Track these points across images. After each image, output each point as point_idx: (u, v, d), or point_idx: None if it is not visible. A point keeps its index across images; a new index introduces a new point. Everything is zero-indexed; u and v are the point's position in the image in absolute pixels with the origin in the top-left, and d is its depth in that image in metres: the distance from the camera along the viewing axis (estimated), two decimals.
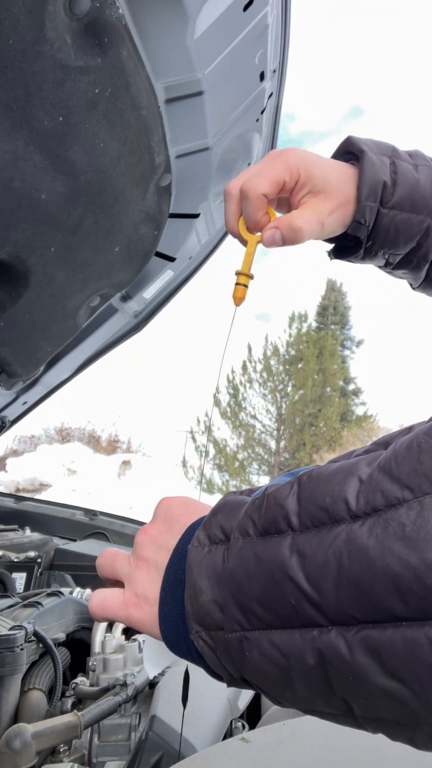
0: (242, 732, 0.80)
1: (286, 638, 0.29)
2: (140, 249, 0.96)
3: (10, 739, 0.67)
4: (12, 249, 0.74)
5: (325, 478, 0.30)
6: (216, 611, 0.32)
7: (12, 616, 0.94)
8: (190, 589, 0.34)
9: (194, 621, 0.34)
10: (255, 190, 0.57)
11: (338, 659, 0.26)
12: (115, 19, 0.59)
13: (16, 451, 14.20)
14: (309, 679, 0.28)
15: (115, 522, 1.92)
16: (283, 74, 0.97)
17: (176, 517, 0.40)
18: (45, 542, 1.60)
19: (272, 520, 0.31)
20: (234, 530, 0.33)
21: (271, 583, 0.29)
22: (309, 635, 0.28)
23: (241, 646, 0.31)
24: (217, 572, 0.33)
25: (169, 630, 0.36)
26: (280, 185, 0.57)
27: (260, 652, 0.30)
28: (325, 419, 18.56)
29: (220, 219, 1.17)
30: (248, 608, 0.30)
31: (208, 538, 0.35)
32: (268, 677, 0.30)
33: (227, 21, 0.70)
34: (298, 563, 0.28)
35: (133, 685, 0.86)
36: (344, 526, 0.27)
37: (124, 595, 0.40)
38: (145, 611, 0.38)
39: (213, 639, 0.33)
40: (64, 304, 0.94)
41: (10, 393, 1.36)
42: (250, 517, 0.32)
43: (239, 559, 0.31)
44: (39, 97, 0.59)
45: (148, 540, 0.40)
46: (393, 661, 0.25)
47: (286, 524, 0.30)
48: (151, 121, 0.74)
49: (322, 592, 0.27)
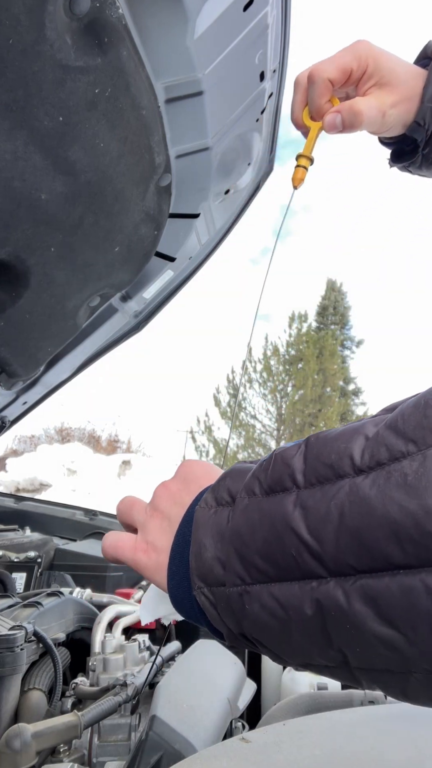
0: (242, 732, 0.80)
1: (285, 590, 0.30)
2: (140, 249, 0.96)
3: (10, 739, 0.67)
4: (12, 249, 0.74)
5: (332, 438, 0.30)
6: (218, 567, 0.33)
7: (12, 616, 0.94)
8: (195, 546, 0.35)
9: (197, 577, 0.35)
10: (321, 74, 0.59)
11: (336, 608, 0.27)
12: (115, 19, 0.59)
13: (16, 451, 14.20)
14: (307, 629, 0.29)
15: (115, 522, 1.92)
16: (283, 74, 0.97)
17: (195, 478, 0.42)
18: (45, 542, 1.60)
19: (278, 478, 0.31)
20: (240, 491, 0.34)
21: (273, 536, 0.30)
22: (308, 586, 0.28)
23: (242, 599, 0.32)
24: (221, 530, 0.34)
25: (176, 587, 0.38)
26: (347, 73, 0.59)
27: (260, 605, 0.31)
28: (325, 419, 18.55)
29: (220, 219, 1.17)
30: (250, 562, 0.31)
31: (215, 500, 0.36)
32: (267, 630, 0.31)
33: (227, 21, 0.70)
34: (300, 515, 0.29)
35: (133, 685, 0.86)
36: (348, 480, 0.28)
37: (135, 540, 0.42)
38: (151, 558, 0.40)
39: (214, 594, 0.34)
40: (64, 304, 0.94)
41: (10, 393, 1.36)
42: (257, 478, 0.33)
43: (243, 516, 0.32)
44: (39, 97, 0.59)
45: (166, 494, 0.42)
46: (389, 608, 0.25)
47: (292, 482, 0.30)
48: (151, 121, 0.74)
49: (323, 543, 0.28)
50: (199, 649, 1.04)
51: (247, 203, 1.27)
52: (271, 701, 1.30)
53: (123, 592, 1.37)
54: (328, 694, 0.95)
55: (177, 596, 0.38)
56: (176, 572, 0.38)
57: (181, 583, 0.37)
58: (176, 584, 0.38)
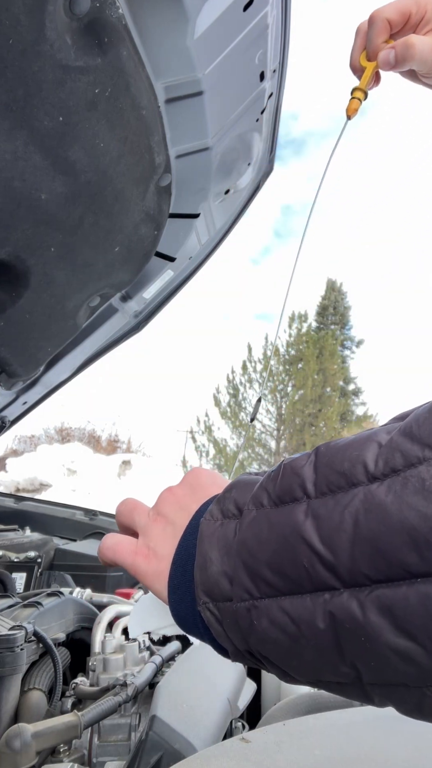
0: (242, 732, 0.79)
1: (296, 604, 0.29)
2: (140, 249, 0.96)
3: (10, 739, 0.67)
4: (12, 249, 0.74)
5: (343, 446, 0.30)
6: (225, 582, 0.32)
7: (12, 616, 0.94)
8: (200, 559, 0.34)
9: (202, 591, 0.34)
10: (381, 14, 0.63)
11: (350, 620, 0.26)
12: (115, 19, 0.59)
13: (16, 451, 14.20)
14: (319, 644, 0.28)
15: (115, 522, 1.92)
16: (283, 74, 0.97)
17: (202, 486, 0.41)
18: (45, 542, 1.59)
19: (287, 488, 0.30)
20: (247, 503, 0.33)
21: (283, 547, 0.29)
22: (320, 599, 0.27)
23: (249, 614, 0.31)
24: (227, 543, 0.33)
25: (178, 602, 0.37)
26: (405, 15, 0.63)
27: (269, 620, 0.30)
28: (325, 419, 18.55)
29: (220, 219, 1.17)
30: (258, 575, 0.30)
31: (221, 512, 0.35)
32: (276, 646, 0.30)
33: (227, 21, 0.70)
34: (312, 525, 0.28)
35: (133, 685, 0.86)
36: (361, 488, 0.27)
37: (136, 544, 0.41)
38: (151, 564, 0.39)
39: (220, 610, 0.33)
40: (64, 304, 0.94)
41: (10, 393, 1.36)
42: (265, 489, 0.32)
43: (251, 528, 0.31)
44: (39, 97, 0.59)
45: (171, 499, 0.41)
46: (406, 618, 0.24)
47: (302, 492, 0.30)
48: (151, 121, 0.74)
49: (337, 552, 0.27)
50: (199, 649, 1.04)
51: (247, 203, 1.27)
52: (271, 701, 1.30)
53: (123, 592, 1.37)
54: (328, 694, 0.95)
55: (179, 610, 0.37)
56: (178, 585, 0.36)
57: (183, 596, 0.36)
58: (178, 598, 0.36)
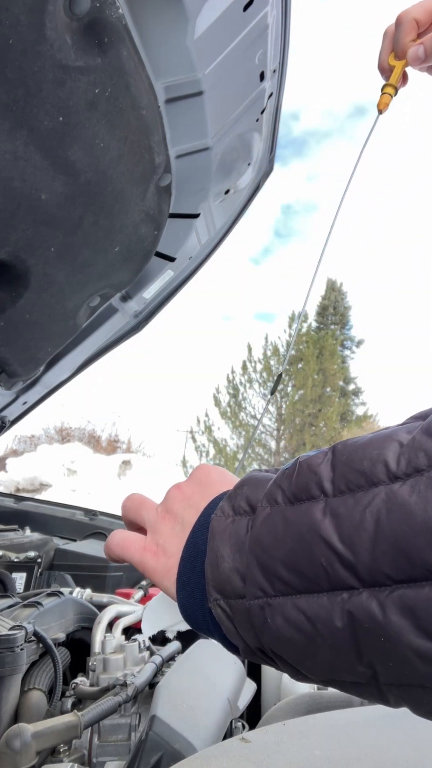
0: (242, 732, 0.79)
1: (312, 602, 0.28)
2: (140, 249, 0.96)
3: (10, 739, 0.67)
4: (12, 249, 0.74)
5: (361, 445, 0.29)
6: (237, 579, 0.32)
7: (12, 616, 0.94)
8: (211, 556, 0.34)
9: (213, 588, 0.34)
10: (408, 14, 0.67)
11: (370, 620, 0.26)
12: (115, 19, 0.59)
13: (16, 451, 14.20)
14: (335, 643, 0.28)
15: (115, 522, 1.92)
16: (283, 74, 0.97)
17: (211, 483, 0.41)
18: (45, 542, 1.59)
19: (304, 486, 0.30)
20: (261, 500, 0.32)
21: (300, 545, 0.29)
22: (338, 598, 0.27)
23: (263, 612, 0.30)
24: (239, 540, 0.32)
25: (186, 597, 0.36)
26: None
27: (284, 618, 0.29)
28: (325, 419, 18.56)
29: (220, 219, 1.17)
30: (273, 572, 0.30)
31: (232, 508, 0.35)
32: (290, 644, 0.30)
33: (227, 21, 0.70)
34: (331, 524, 0.28)
35: (133, 685, 0.85)
36: (383, 487, 0.27)
37: (144, 540, 0.41)
38: (160, 561, 0.39)
39: (232, 607, 0.33)
40: (64, 304, 0.93)
41: (10, 393, 1.36)
42: (279, 486, 0.32)
43: (266, 526, 0.31)
44: (39, 97, 0.59)
45: (180, 496, 0.41)
46: (429, 619, 0.24)
47: (319, 490, 0.29)
48: (151, 121, 0.74)
49: (357, 552, 0.26)
50: (199, 649, 1.04)
51: (247, 203, 1.27)
52: (271, 701, 1.30)
53: (123, 592, 1.37)
54: (328, 694, 0.95)
55: (187, 607, 0.36)
56: (187, 582, 0.36)
57: (192, 593, 0.36)
58: (187, 594, 0.36)
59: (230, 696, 0.92)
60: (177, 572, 0.37)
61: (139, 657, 0.99)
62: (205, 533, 0.36)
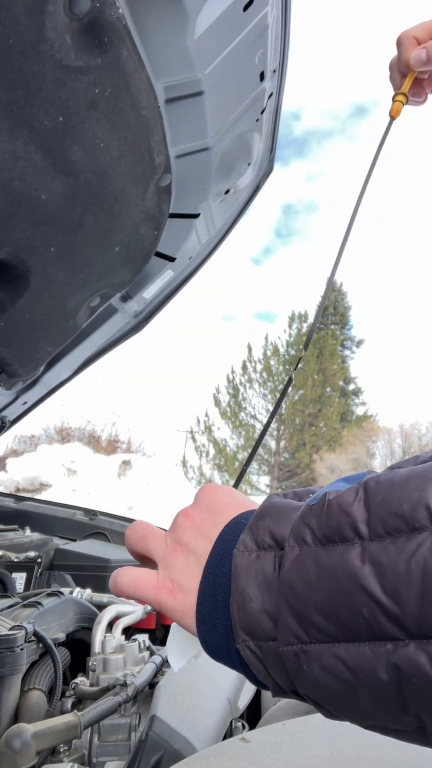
0: (242, 732, 0.79)
1: (353, 652, 0.27)
2: (140, 249, 0.96)
3: (10, 739, 0.67)
4: (12, 249, 0.74)
5: (398, 485, 0.28)
6: (267, 621, 0.31)
7: (12, 616, 0.94)
8: (237, 596, 0.32)
9: (241, 630, 0.32)
10: (408, 33, 0.72)
11: (419, 674, 0.25)
12: (115, 19, 0.59)
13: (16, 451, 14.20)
14: (379, 694, 0.26)
15: (115, 522, 1.92)
16: (283, 74, 0.97)
17: (221, 508, 0.39)
18: (45, 542, 1.60)
19: (336, 527, 0.28)
20: (288, 537, 0.31)
21: (338, 594, 0.27)
22: (382, 649, 0.26)
23: (298, 659, 0.29)
24: (267, 580, 0.31)
25: (208, 634, 0.35)
26: (430, 31, 0.71)
27: (321, 667, 0.28)
28: (325, 419, 18.57)
29: (220, 219, 1.17)
30: (308, 620, 0.28)
31: (255, 543, 0.33)
32: (329, 692, 0.28)
33: (227, 21, 0.70)
34: (372, 573, 0.26)
35: (133, 685, 0.86)
36: (427, 534, 0.25)
37: (157, 577, 0.39)
38: (178, 599, 0.37)
39: (262, 649, 0.31)
40: (64, 304, 0.93)
41: (10, 393, 1.36)
42: (307, 524, 0.30)
43: (296, 568, 0.29)
44: (39, 97, 0.59)
45: (189, 525, 0.39)
46: None
47: (353, 532, 0.28)
48: (151, 121, 0.74)
49: (402, 604, 0.25)
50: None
51: (247, 203, 1.27)
52: (271, 701, 1.30)
53: None
54: None
55: (209, 641, 0.35)
56: (208, 617, 0.35)
57: (214, 628, 0.34)
58: (208, 629, 0.35)
59: (230, 696, 0.92)
60: (195, 606, 0.36)
61: (139, 657, 0.99)
62: (223, 565, 0.34)
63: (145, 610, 1.21)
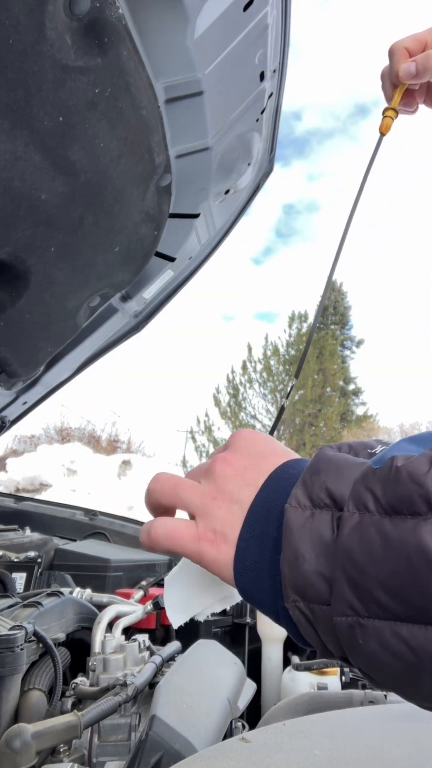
0: (242, 732, 0.79)
1: (418, 633, 0.25)
2: (140, 249, 0.96)
3: (10, 739, 0.67)
4: (12, 249, 0.74)
5: None
6: (322, 584, 0.29)
7: (12, 616, 0.94)
8: (289, 554, 0.30)
9: (292, 589, 0.30)
10: (399, 44, 0.70)
11: None
12: (115, 19, 0.59)
13: (16, 451, 14.19)
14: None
15: (115, 522, 1.92)
16: (283, 74, 0.97)
17: (264, 454, 0.36)
18: (45, 542, 1.60)
19: (406, 498, 0.26)
20: (347, 501, 0.29)
21: (406, 570, 0.25)
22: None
23: (353, 631, 0.27)
24: (324, 542, 0.29)
25: (249, 586, 0.33)
26: (422, 42, 0.70)
27: (380, 644, 0.26)
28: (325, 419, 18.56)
29: (220, 219, 1.17)
30: (369, 594, 0.27)
31: (309, 499, 0.31)
32: (386, 670, 0.27)
33: (227, 21, 0.70)
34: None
35: (133, 685, 0.86)
36: None
37: (197, 527, 0.36)
38: (221, 550, 0.34)
39: (314, 612, 0.30)
40: (64, 304, 0.94)
41: (10, 393, 1.36)
42: (370, 490, 0.28)
43: (358, 536, 0.27)
44: (39, 97, 0.59)
45: (231, 473, 0.36)
46: None
47: (426, 506, 0.25)
48: (151, 121, 0.74)
49: None
50: (199, 649, 1.04)
51: (247, 203, 1.27)
52: (271, 701, 1.30)
53: (123, 592, 1.37)
54: (327, 694, 0.95)
55: (253, 596, 0.33)
56: (251, 568, 0.33)
57: (258, 581, 0.32)
58: (250, 581, 0.33)
59: (230, 696, 0.92)
60: (235, 555, 0.34)
61: (139, 657, 0.99)
62: (271, 516, 0.33)
63: (145, 610, 1.21)
